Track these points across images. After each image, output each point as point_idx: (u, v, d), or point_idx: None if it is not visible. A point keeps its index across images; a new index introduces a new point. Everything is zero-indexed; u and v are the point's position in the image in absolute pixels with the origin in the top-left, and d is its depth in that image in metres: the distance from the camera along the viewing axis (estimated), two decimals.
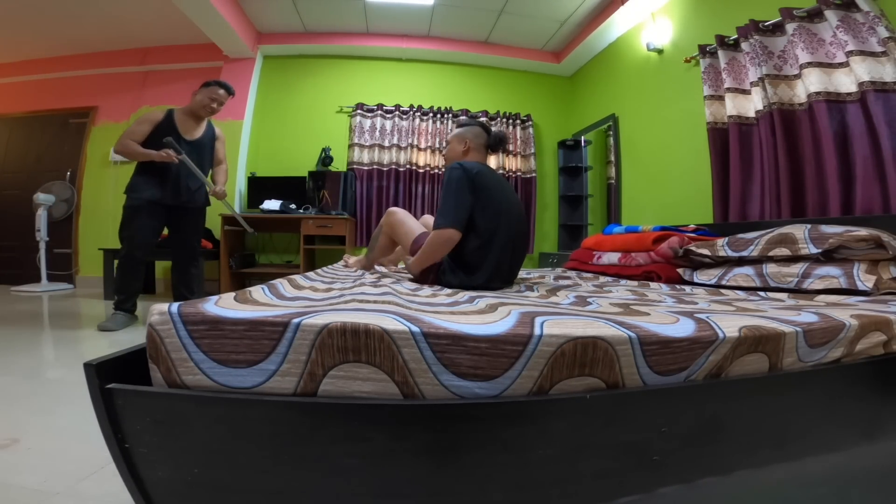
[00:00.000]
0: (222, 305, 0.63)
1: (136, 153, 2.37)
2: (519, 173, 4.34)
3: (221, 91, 2.54)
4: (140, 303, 2.69)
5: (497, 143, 1.66)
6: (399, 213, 1.75)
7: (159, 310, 0.59)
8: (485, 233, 1.42)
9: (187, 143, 2.50)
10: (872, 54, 1.75)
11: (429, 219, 1.92)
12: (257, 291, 0.86)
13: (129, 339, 2.21)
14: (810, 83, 1.93)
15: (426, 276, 1.49)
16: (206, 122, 2.65)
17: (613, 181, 3.89)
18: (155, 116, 2.46)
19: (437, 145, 4.25)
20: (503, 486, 0.59)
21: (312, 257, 3.99)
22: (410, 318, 0.62)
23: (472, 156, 1.61)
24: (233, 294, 0.75)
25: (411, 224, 1.69)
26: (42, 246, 3.88)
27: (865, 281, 1.28)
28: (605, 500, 0.63)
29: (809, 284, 1.39)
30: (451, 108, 4.29)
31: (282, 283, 1.06)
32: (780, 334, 0.73)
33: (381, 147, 4.24)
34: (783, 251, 1.51)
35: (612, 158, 3.93)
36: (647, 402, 0.63)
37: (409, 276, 1.60)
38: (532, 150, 4.39)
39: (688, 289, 1.63)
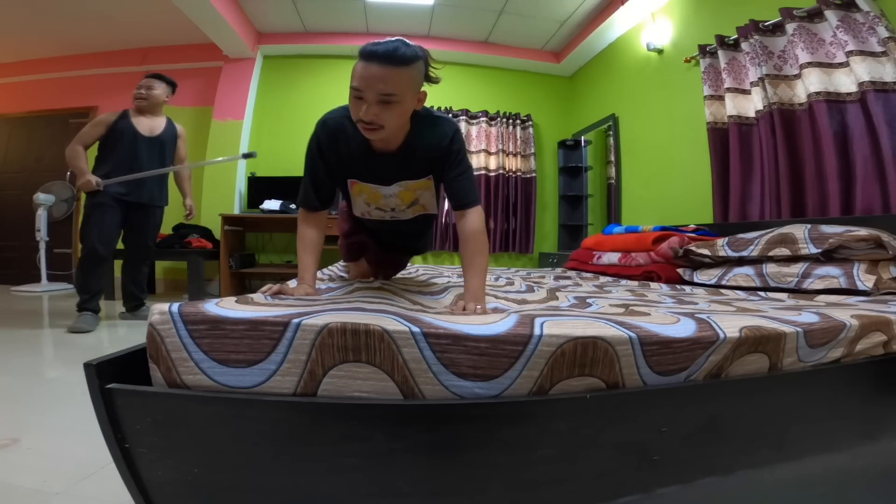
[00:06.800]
0: (223, 306, 0.63)
1: (74, 165, 2.39)
2: (519, 173, 4.33)
3: (143, 81, 2.55)
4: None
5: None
6: None
7: (160, 309, 0.59)
8: None
9: (146, 139, 2.50)
10: (872, 54, 1.75)
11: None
12: (257, 296, 0.86)
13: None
14: (810, 83, 1.93)
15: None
16: (167, 119, 2.64)
17: (613, 181, 3.89)
18: (109, 118, 2.46)
19: None
20: (503, 486, 0.59)
21: None
22: (410, 318, 0.62)
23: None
24: (234, 298, 0.75)
25: None
26: (42, 246, 3.88)
27: (865, 281, 1.28)
28: (605, 500, 0.63)
29: (809, 284, 1.39)
30: (451, 107, 4.29)
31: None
32: (780, 334, 0.73)
33: None
34: (783, 251, 1.51)
35: (612, 158, 3.93)
36: (647, 402, 0.63)
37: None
38: (532, 150, 4.39)
39: (688, 289, 1.62)
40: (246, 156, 2.88)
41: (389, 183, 1.11)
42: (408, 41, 0.89)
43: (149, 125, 2.54)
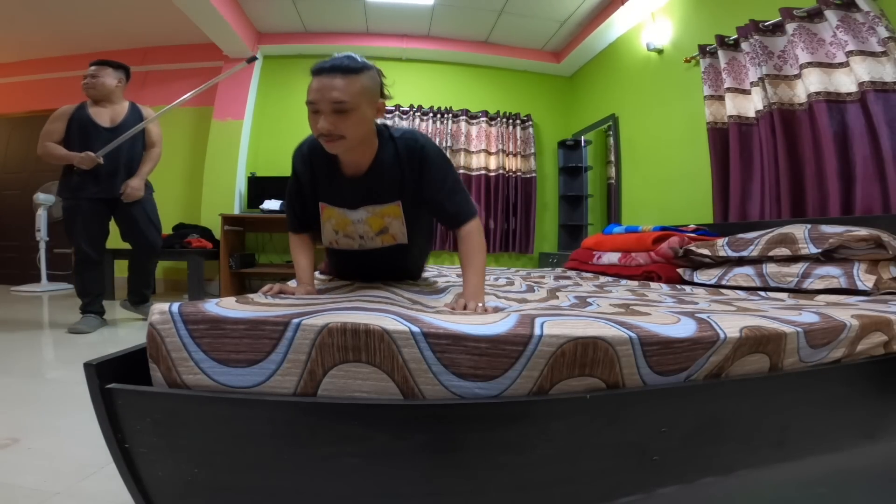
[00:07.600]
0: (223, 305, 0.63)
1: (57, 156, 2.27)
2: (519, 173, 4.33)
3: (89, 69, 2.40)
4: None
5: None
6: None
7: (160, 309, 0.59)
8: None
9: (105, 130, 2.35)
10: (872, 54, 1.75)
11: None
12: (258, 296, 0.86)
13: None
14: (810, 83, 1.93)
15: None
16: (129, 106, 2.48)
17: (613, 181, 3.89)
18: (67, 111, 2.34)
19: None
20: (503, 486, 0.59)
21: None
22: (410, 318, 0.62)
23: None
24: (234, 298, 0.75)
25: None
26: (42, 246, 3.88)
27: (865, 281, 1.28)
28: (605, 500, 0.63)
29: (809, 284, 1.39)
30: (451, 107, 4.29)
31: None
32: (781, 335, 0.72)
33: None
34: (783, 251, 1.51)
35: (612, 158, 3.93)
36: (647, 403, 0.63)
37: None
38: (532, 150, 4.39)
39: (688, 289, 1.62)
40: (249, 60, 2.75)
41: (356, 207, 1.11)
42: (356, 55, 0.93)
43: (109, 115, 2.39)
